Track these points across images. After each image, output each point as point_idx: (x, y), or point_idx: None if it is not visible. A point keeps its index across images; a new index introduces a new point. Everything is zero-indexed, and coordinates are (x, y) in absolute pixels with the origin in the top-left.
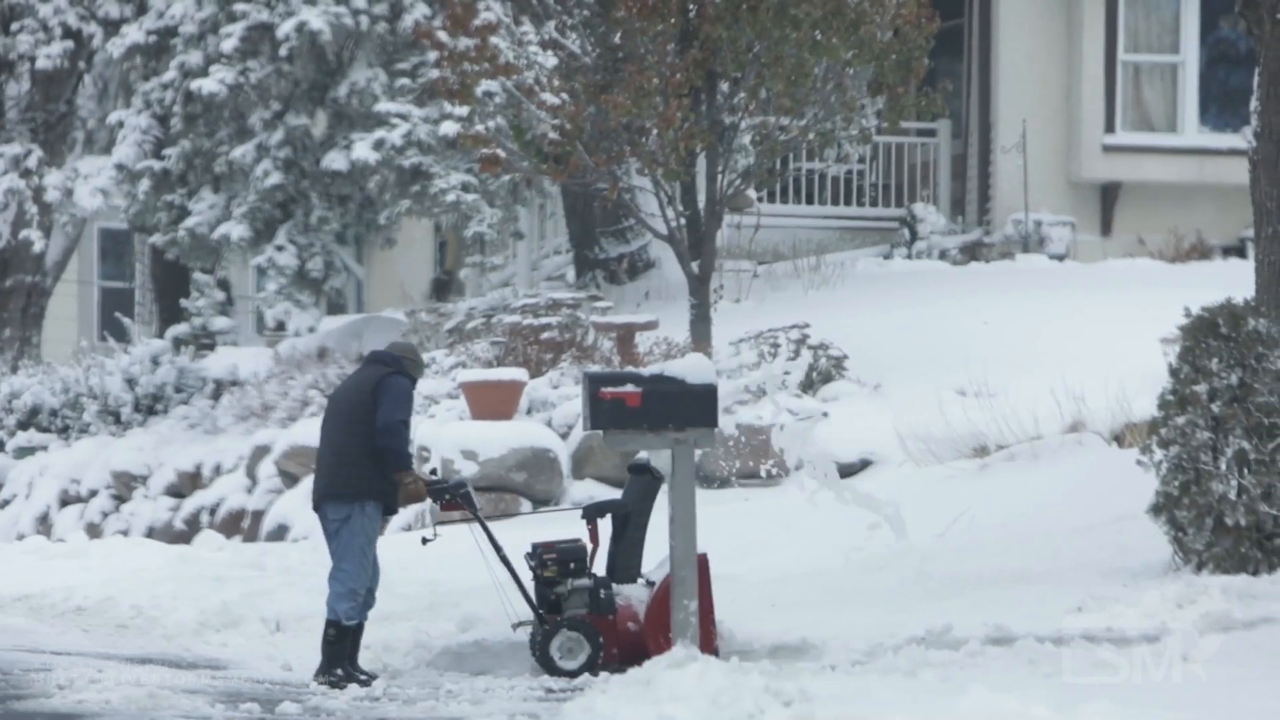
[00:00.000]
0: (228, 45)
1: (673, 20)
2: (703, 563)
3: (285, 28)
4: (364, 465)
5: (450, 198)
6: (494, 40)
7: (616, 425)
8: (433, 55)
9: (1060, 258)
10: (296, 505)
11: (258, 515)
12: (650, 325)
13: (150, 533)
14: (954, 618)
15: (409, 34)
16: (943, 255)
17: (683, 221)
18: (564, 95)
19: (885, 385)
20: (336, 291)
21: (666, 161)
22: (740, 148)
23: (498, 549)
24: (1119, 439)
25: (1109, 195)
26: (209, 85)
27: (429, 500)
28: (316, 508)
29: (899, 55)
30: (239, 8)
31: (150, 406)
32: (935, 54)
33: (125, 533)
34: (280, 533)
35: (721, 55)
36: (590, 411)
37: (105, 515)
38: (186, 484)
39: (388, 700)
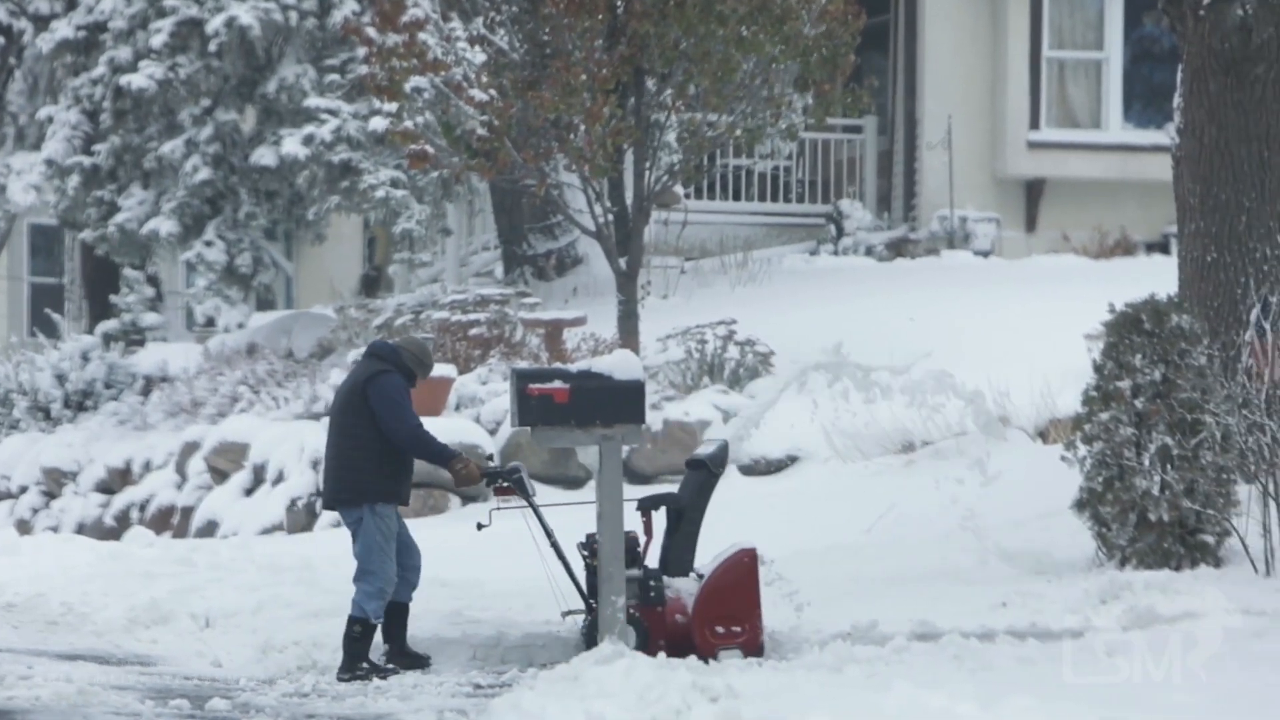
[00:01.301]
0: (157, 41)
1: (600, 16)
2: (751, 557)
3: (215, 23)
4: (364, 467)
5: (379, 194)
6: (422, 36)
7: (544, 421)
8: (361, 51)
9: (985, 254)
10: (226, 502)
11: (187, 511)
12: (578, 322)
13: (80, 529)
14: (880, 613)
15: (338, 30)
16: (869, 251)
17: (610, 218)
18: (492, 91)
19: (811, 381)
20: (265, 287)
21: (594, 158)
22: (667, 144)
23: (550, 536)
24: (1043, 435)
25: (1034, 192)
26: (138, 81)
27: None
28: (327, 508)
29: (825, 51)
30: (168, 3)
31: (80, 403)
32: (861, 50)
33: (55, 529)
34: (210, 529)
35: (649, 51)
36: (518, 408)
37: (35, 512)
38: (116, 480)
39: (317, 696)
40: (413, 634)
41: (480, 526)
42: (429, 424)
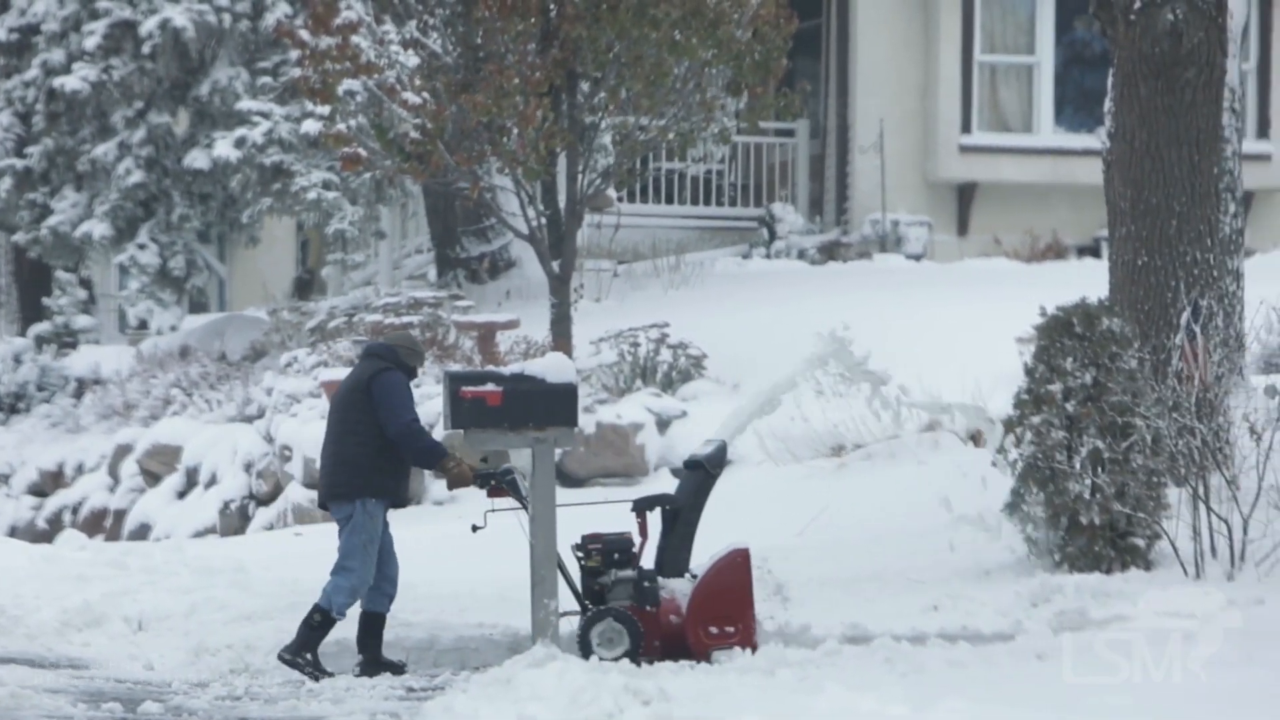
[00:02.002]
0: (90, 43)
1: (533, 20)
2: (745, 557)
3: (148, 25)
4: (362, 463)
5: (312, 196)
6: (355, 39)
7: (477, 424)
8: (294, 54)
9: (917, 257)
10: (159, 504)
11: (120, 514)
12: (511, 324)
13: (13, 532)
14: (812, 616)
15: (271, 33)
16: (801, 255)
17: (543, 221)
18: (425, 94)
19: (745, 384)
20: (198, 290)
21: (527, 161)
22: (601, 147)
23: None
24: (975, 438)
25: (965, 195)
26: (71, 83)
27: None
28: (322, 506)
29: (758, 55)
30: (101, 5)
31: (12, 405)
32: (794, 54)
33: None
34: (143, 532)
35: (582, 55)
36: (451, 410)
37: None
38: (49, 483)
39: (249, 699)
40: (343, 637)
41: (475, 529)
42: None
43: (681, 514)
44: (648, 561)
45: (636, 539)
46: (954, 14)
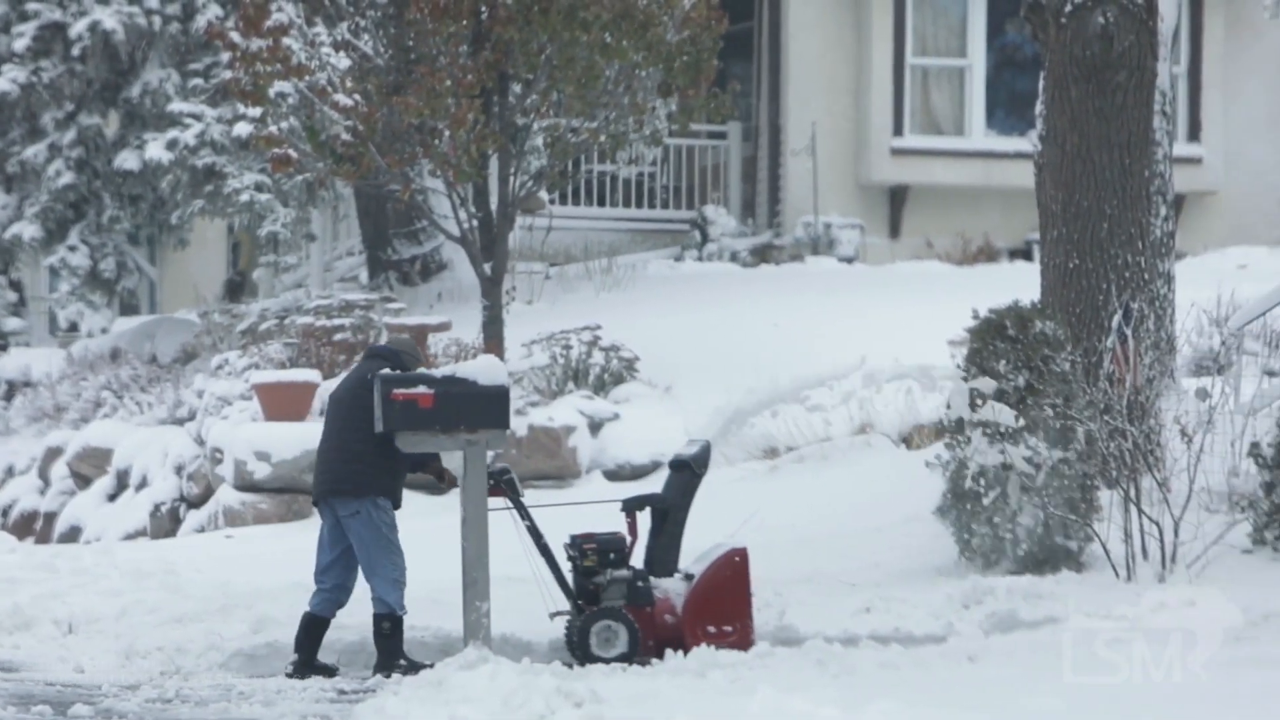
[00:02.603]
0: (20, 44)
1: (464, 22)
2: (742, 557)
3: (78, 27)
4: (367, 461)
5: (244, 198)
6: (286, 41)
7: (409, 426)
8: (225, 56)
9: (849, 260)
10: (89, 507)
11: (50, 517)
12: (443, 327)
13: None
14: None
15: (201, 35)
16: (733, 257)
17: (475, 223)
18: (357, 96)
19: (676, 387)
20: (129, 292)
21: (459, 163)
22: (532, 149)
23: (539, 536)
24: (907, 440)
25: (897, 198)
26: (0, 85)
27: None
28: (318, 502)
29: (689, 57)
30: (31, 6)
31: None
32: (726, 57)
33: None
34: (73, 534)
35: (513, 57)
36: (383, 413)
37: None
38: None
39: (180, 702)
40: (276, 639)
41: None
42: (291, 428)
43: (670, 514)
44: (635, 562)
45: (626, 538)
46: (885, 17)
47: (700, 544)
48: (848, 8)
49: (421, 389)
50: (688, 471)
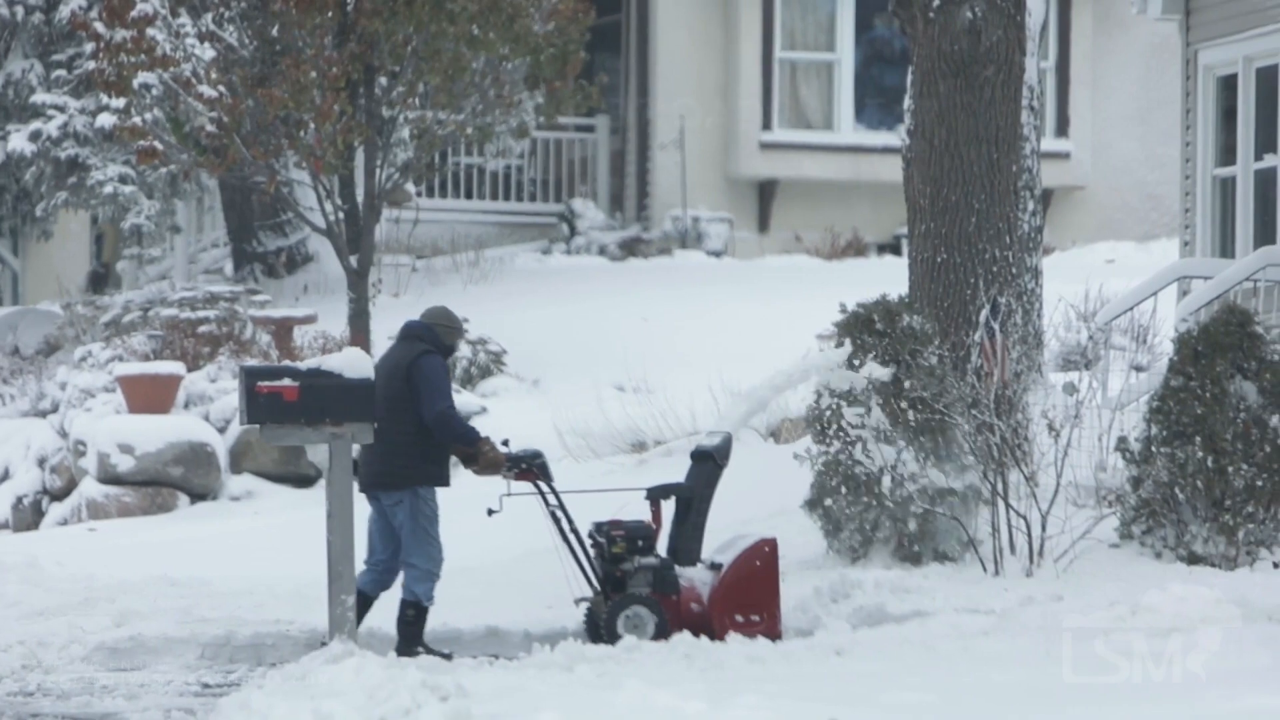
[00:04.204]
0: None
1: (330, 14)
2: (772, 547)
3: None
4: (410, 451)
5: (108, 190)
6: (151, 32)
7: (273, 419)
8: (90, 47)
9: (718, 254)
10: None
11: None
12: (309, 319)
13: None
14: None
15: (66, 25)
16: (602, 251)
17: (341, 215)
18: (221, 88)
19: (544, 381)
20: None
21: (324, 155)
22: (399, 141)
23: (570, 521)
24: (775, 434)
25: (766, 192)
26: None
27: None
28: (364, 491)
29: (555, 49)
30: None
31: None
32: (595, 50)
33: None
34: None
35: (379, 49)
36: (247, 406)
37: None
38: None
39: (41, 695)
40: (139, 632)
41: (491, 512)
42: (155, 420)
43: (693, 504)
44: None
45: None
46: (754, 11)
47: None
48: (716, 2)
49: (286, 382)
50: (710, 462)
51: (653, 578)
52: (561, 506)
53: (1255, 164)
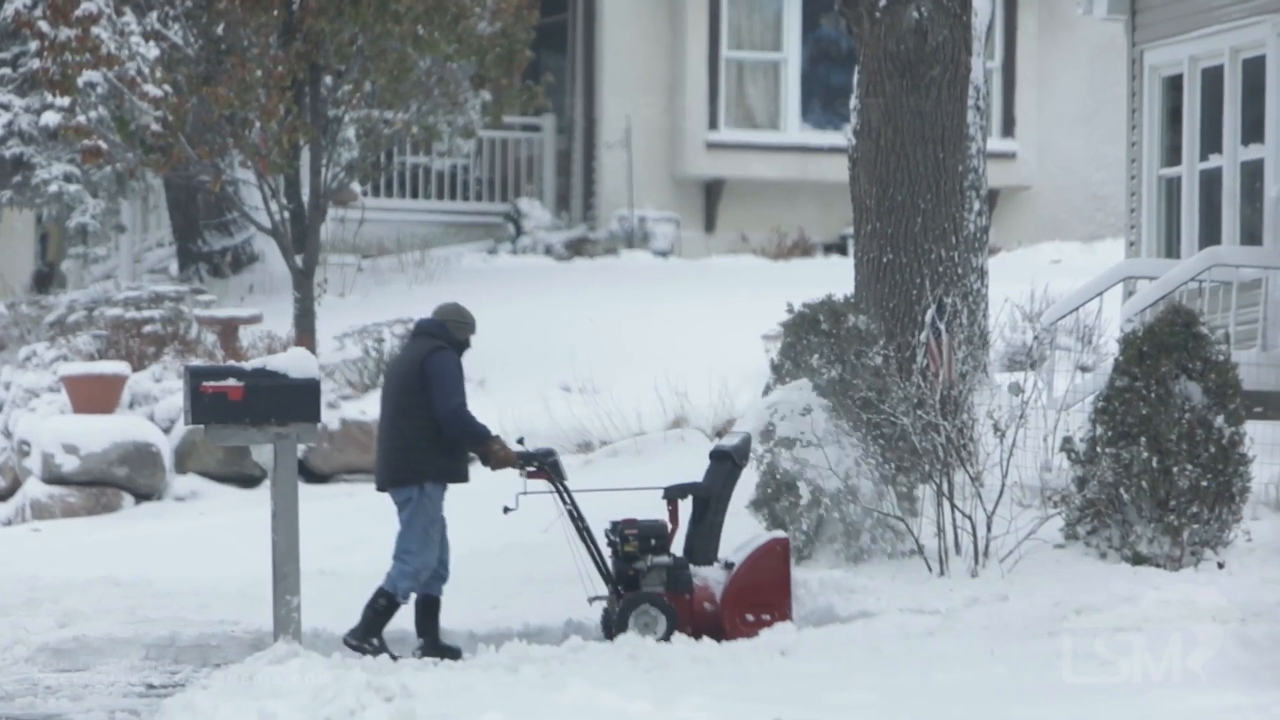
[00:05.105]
0: None
1: (275, 13)
2: (784, 546)
3: None
4: (419, 447)
5: (53, 188)
6: (96, 31)
7: (218, 419)
8: (34, 45)
9: (665, 254)
10: None
11: None
12: (254, 319)
13: None
14: (558, 612)
15: (9, 23)
16: (548, 251)
17: (287, 215)
18: (166, 87)
19: (490, 381)
20: None
21: (270, 154)
22: (344, 141)
23: (582, 520)
24: (721, 434)
25: (713, 192)
26: None
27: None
28: (381, 490)
29: (500, 49)
30: None
31: None
32: (541, 49)
33: None
34: None
35: (325, 48)
36: (192, 405)
37: None
38: None
39: None
40: (84, 633)
41: (506, 510)
42: (100, 420)
43: (711, 503)
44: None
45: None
46: (700, 10)
47: (504, 538)
48: (662, 1)
49: (231, 382)
50: (729, 462)
51: (666, 577)
52: (574, 505)
53: (1201, 164)
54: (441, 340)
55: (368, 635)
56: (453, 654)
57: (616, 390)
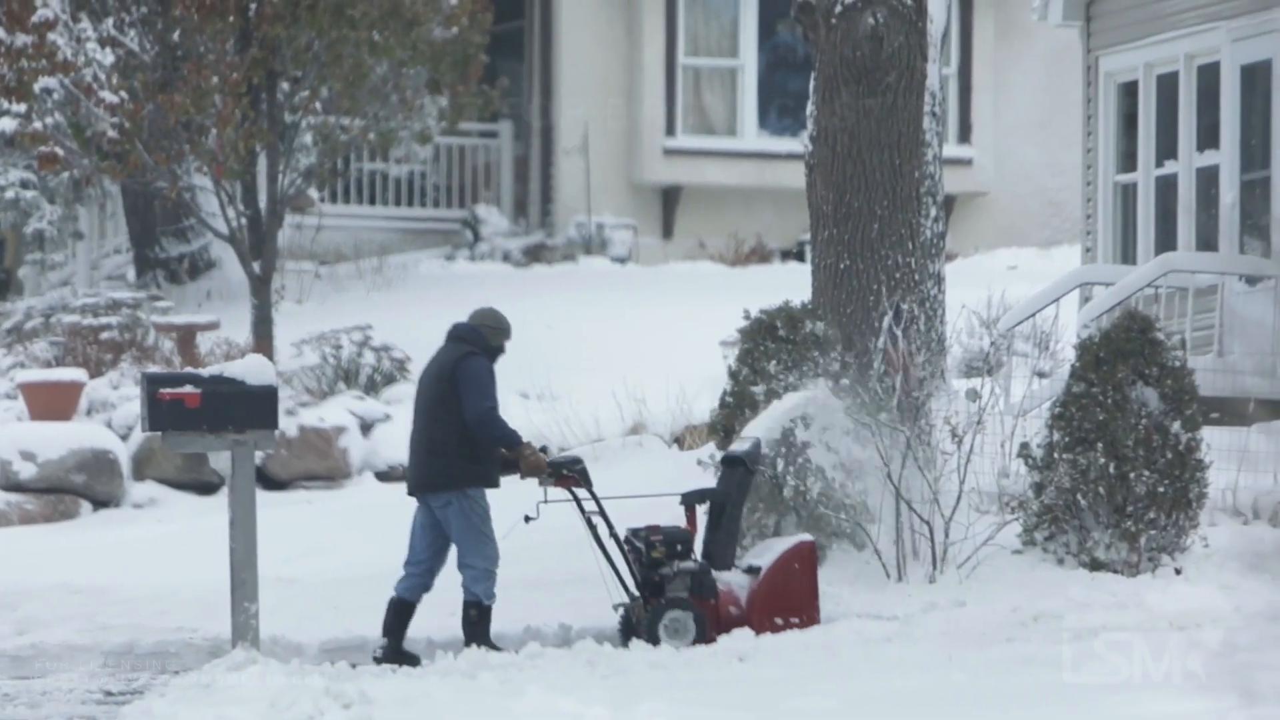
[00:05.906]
0: None
1: (231, 19)
2: (811, 549)
3: None
4: (454, 453)
5: (9, 195)
6: (52, 37)
7: (175, 426)
8: None
9: (622, 260)
10: None
11: None
12: (211, 326)
13: None
14: (517, 618)
15: None
16: (505, 257)
17: (244, 221)
18: (123, 93)
19: None
20: None
21: (226, 160)
22: (301, 147)
23: (610, 526)
24: (680, 440)
25: (670, 198)
26: None
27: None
28: (412, 494)
29: (455, 54)
30: None
31: None
32: (498, 55)
33: None
34: None
35: (281, 54)
36: (149, 412)
37: None
38: None
39: None
40: (40, 640)
41: (528, 519)
42: (57, 427)
43: (726, 509)
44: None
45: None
46: (657, 16)
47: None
48: (619, 7)
49: (188, 388)
50: (742, 468)
51: (691, 582)
52: (602, 512)
53: (1156, 170)
54: (474, 346)
55: (481, 642)
56: (411, 660)
57: (575, 397)
